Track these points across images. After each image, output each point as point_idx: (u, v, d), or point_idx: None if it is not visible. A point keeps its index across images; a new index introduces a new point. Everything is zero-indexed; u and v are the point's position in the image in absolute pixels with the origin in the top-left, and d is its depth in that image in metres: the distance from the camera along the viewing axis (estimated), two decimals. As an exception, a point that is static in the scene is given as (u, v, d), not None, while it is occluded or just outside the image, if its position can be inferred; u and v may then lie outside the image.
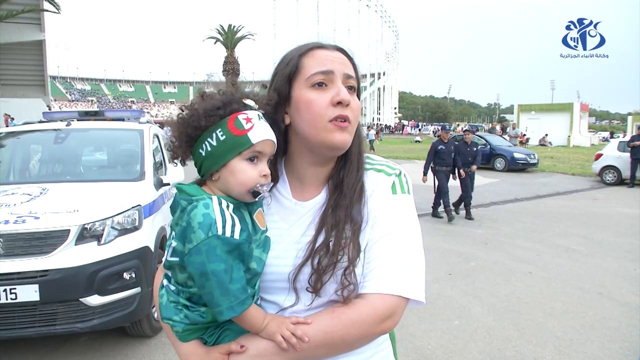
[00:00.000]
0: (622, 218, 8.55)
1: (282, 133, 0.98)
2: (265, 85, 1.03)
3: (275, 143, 0.93)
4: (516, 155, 16.58)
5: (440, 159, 8.08)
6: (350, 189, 0.95)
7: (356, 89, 0.98)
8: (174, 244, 0.88)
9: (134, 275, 3.11)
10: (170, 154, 0.95)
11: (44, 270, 2.80)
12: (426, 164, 8.35)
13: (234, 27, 39.48)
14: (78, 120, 4.68)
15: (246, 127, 0.88)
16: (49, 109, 16.48)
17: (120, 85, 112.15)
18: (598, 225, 7.87)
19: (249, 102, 0.91)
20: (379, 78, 75.76)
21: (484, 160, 9.90)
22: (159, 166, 4.47)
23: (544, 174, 15.91)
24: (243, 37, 39.86)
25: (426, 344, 3.54)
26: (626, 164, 12.79)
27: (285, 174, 1.02)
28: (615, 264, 5.62)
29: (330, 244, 0.90)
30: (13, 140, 4.45)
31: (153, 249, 3.38)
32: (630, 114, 63.05)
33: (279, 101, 0.96)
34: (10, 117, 13.78)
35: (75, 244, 2.94)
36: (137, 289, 3.13)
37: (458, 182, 8.25)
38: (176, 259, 0.88)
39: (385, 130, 56.69)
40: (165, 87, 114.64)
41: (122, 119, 4.90)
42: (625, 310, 4.22)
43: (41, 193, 3.32)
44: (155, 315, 3.36)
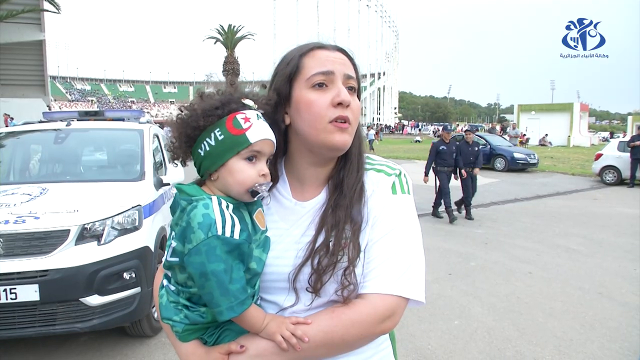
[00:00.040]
0: (622, 218, 8.55)
1: (282, 133, 0.98)
2: (265, 85, 1.03)
3: (275, 143, 0.93)
4: (516, 155, 16.58)
5: (441, 159, 8.06)
6: (350, 189, 0.95)
7: (356, 90, 0.98)
8: (173, 244, 0.88)
9: (133, 275, 3.11)
10: (170, 154, 0.95)
11: (44, 270, 2.80)
12: (427, 165, 8.32)
13: (234, 27, 39.43)
14: (78, 120, 4.68)
15: (244, 127, 0.88)
16: (49, 109, 16.49)
17: (120, 85, 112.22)
18: (598, 225, 7.87)
19: (247, 102, 0.91)
20: (379, 78, 75.74)
21: (484, 160, 9.92)
22: (159, 166, 4.46)
23: (544, 174, 15.90)
24: (243, 37, 39.81)
25: (426, 344, 3.54)
26: (626, 164, 12.79)
27: (285, 174, 1.02)
28: (615, 264, 5.61)
29: (330, 244, 0.90)
30: (13, 140, 4.45)
31: (153, 249, 3.38)
32: (630, 114, 63.06)
33: (279, 101, 0.96)
34: (10, 117, 13.78)
35: (75, 244, 2.94)
36: (137, 289, 3.13)
37: (459, 183, 8.24)
38: (176, 259, 0.88)
39: (385, 130, 56.68)
40: (165, 87, 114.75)
41: (122, 119, 4.90)
42: (625, 310, 4.22)
43: (41, 193, 3.32)
44: (155, 315, 3.36)
